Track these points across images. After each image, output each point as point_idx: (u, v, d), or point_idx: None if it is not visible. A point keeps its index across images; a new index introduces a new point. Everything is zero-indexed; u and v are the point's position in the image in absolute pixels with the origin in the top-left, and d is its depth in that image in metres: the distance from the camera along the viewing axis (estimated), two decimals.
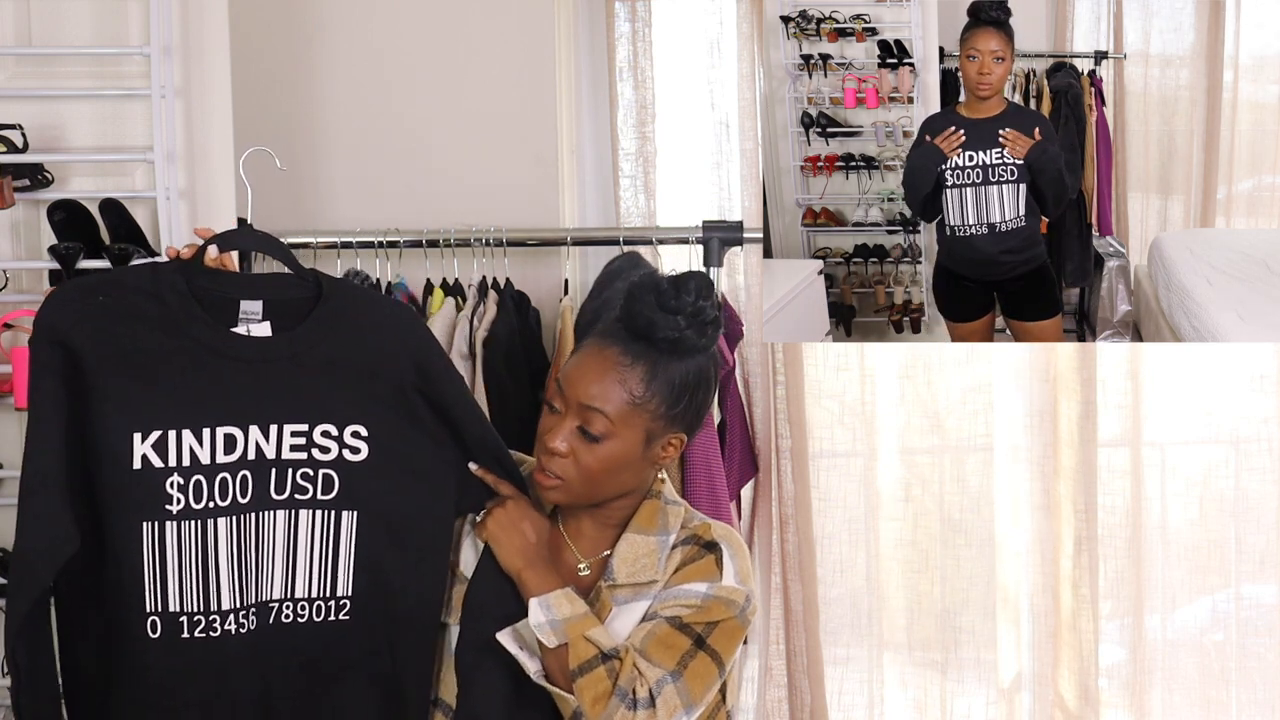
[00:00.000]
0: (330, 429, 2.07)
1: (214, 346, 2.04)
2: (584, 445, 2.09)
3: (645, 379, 2.08)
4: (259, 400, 2.05)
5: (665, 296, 2.06)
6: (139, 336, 2.01)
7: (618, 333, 2.10)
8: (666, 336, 2.07)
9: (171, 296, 2.04)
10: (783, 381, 3.43)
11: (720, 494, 3.02)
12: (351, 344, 2.10)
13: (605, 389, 2.07)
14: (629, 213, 3.42)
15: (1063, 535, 3.53)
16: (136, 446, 1.99)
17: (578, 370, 2.11)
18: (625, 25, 3.41)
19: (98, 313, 2.01)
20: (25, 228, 2.84)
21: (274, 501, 2.05)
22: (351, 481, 2.08)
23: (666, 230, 3.23)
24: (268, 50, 3.30)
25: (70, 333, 1.98)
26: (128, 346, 2.00)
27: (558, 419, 2.11)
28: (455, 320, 3.05)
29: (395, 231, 3.15)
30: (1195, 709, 3.64)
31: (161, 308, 2.03)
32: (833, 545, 3.54)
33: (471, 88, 3.35)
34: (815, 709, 3.46)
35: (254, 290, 2.08)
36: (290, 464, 2.06)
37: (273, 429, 2.05)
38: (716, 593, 2.12)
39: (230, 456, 2.03)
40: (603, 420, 2.07)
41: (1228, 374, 3.63)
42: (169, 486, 1.99)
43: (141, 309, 2.03)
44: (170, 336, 2.02)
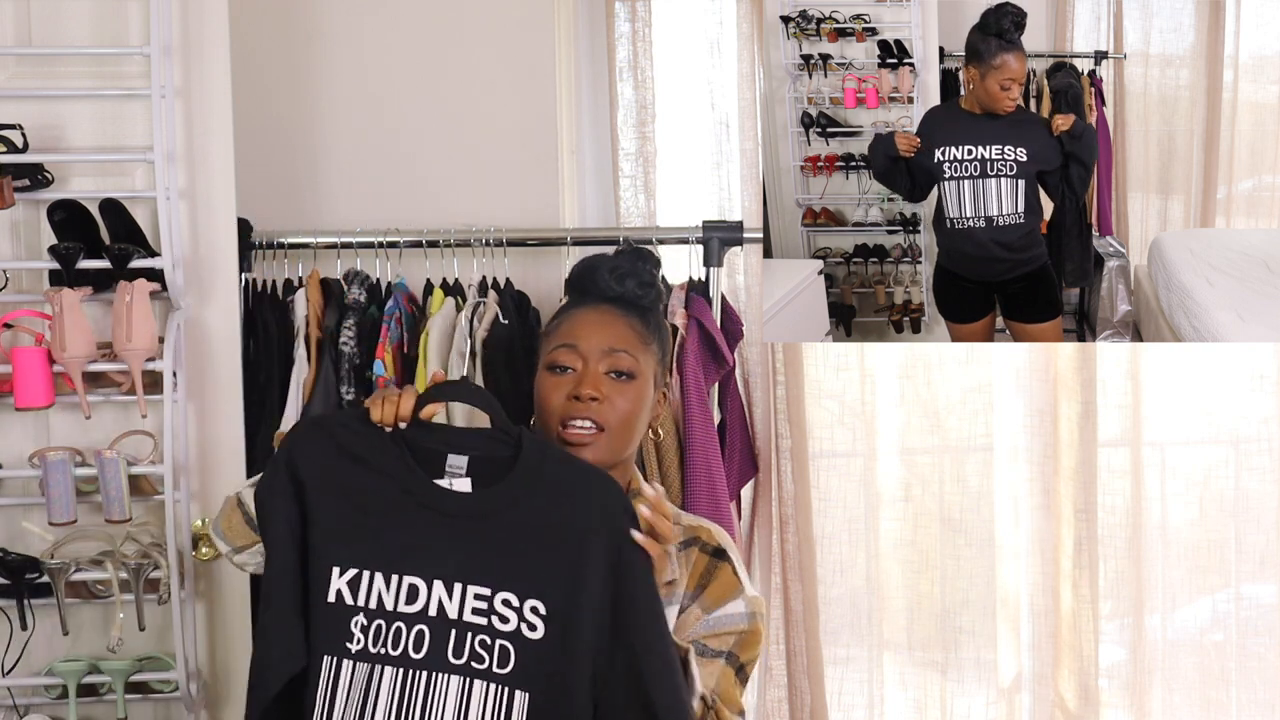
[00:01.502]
0: (511, 599, 2.01)
1: (418, 495, 2.04)
2: (617, 387, 2.16)
3: (643, 324, 2.22)
4: (449, 555, 2.03)
5: (625, 260, 2.25)
6: (356, 474, 2.05)
7: (594, 299, 2.23)
8: (642, 292, 2.23)
9: (382, 444, 2.07)
10: (783, 381, 3.43)
11: (720, 494, 3.02)
12: (546, 509, 2.05)
13: (621, 332, 2.19)
14: (629, 213, 3.42)
15: (1063, 535, 3.53)
16: (334, 580, 2.01)
17: (585, 324, 2.19)
18: (625, 25, 3.41)
19: (326, 448, 2.06)
20: (25, 228, 2.85)
21: (451, 665, 2.01)
22: (527, 659, 2.01)
23: (666, 230, 3.23)
24: (268, 50, 3.30)
25: (301, 462, 2.05)
26: (344, 484, 2.04)
27: (575, 375, 2.16)
28: (455, 320, 3.05)
29: (395, 231, 3.15)
30: (1195, 709, 3.64)
31: (378, 454, 2.06)
32: (833, 545, 3.54)
33: (472, 88, 3.35)
34: (815, 709, 3.46)
35: (462, 445, 2.08)
36: (471, 628, 2.01)
37: (457, 587, 2.02)
38: (753, 610, 2.19)
39: (411, 607, 2.01)
40: (629, 358, 2.17)
41: (1228, 374, 3.63)
42: (353, 625, 2.00)
43: (361, 451, 2.06)
44: (382, 479, 2.05)
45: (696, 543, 2.20)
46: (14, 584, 2.75)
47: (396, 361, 3.04)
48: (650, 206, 3.43)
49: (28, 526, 2.83)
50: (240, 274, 3.02)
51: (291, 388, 3.03)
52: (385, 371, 2.99)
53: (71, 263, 2.71)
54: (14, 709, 2.87)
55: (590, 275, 2.25)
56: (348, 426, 2.08)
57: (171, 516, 2.74)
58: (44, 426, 2.85)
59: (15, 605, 2.77)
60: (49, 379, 2.70)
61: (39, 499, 2.77)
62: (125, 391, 2.81)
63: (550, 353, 2.19)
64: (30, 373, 2.68)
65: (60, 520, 2.73)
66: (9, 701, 2.88)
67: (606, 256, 2.27)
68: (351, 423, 2.09)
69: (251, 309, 3.12)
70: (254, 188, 3.10)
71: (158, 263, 2.73)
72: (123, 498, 2.72)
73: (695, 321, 3.05)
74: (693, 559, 2.20)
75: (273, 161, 3.29)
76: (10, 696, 2.88)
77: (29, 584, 2.76)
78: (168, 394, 2.73)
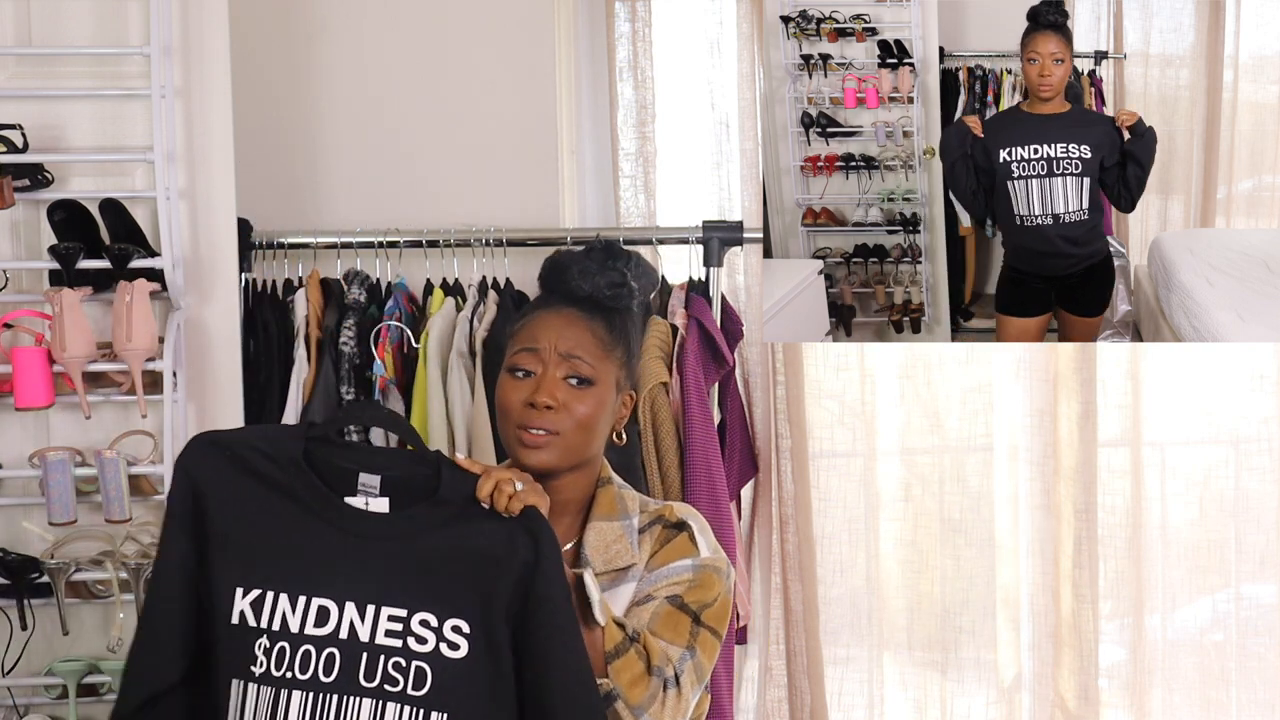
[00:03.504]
0: (430, 619, 1.98)
1: (327, 516, 2.01)
2: (574, 394, 2.12)
3: (607, 329, 2.17)
4: (361, 577, 1.99)
5: (598, 258, 2.18)
6: (257, 498, 2.02)
7: (560, 300, 2.18)
8: (613, 293, 2.17)
9: (288, 464, 2.03)
10: (783, 381, 3.43)
11: (720, 494, 3.02)
12: (465, 532, 2.02)
13: (580, 338, 2.14)
14: (629, 213, 3.42)
15: (1063, 535, 3.52)
16: (237, 601, 1.98)
17: (546, 328, 2.15)
18: (625, 25, 3.41)
19: (224, 466, 2.03)
20: (25, 228, 2.85)
21: (363, 689, 1.97)
22: (445, 679, 1.98)
23: (666, 230, 3.23)
24: (268, 50, 3.30)
25: (201, 479, 2.02)
26: (247, 499, 2.02)
27: (534, 380, 2.13)
28: (455, 320, 3.05)
29: (395, 231, 3.15)
30: (1195, 709, 3.64)
31: (281, 473, 2.03)
32: (833, 545, 3.54)
33: (472, 88, 3.35)
34: (815, 709, 3.46)
35: (374, 465, 2.05)
36: (383, 650, 1.98)
37: (369, 609, 1.98)
38: (703, 563, 2.16)
39: (321, 630, 1.98)
40: (587, 365, 2.13)
41: (1228, 374, 3.63)
42: (257, 648, 1.97)
43: (262, 470, 2.03)
44: (289, 500, 2.02)
45: (660, 521, 2.21)
46: (14, 584, 2.75)
47: (396, 361, 3.04)
48: (650, 206, 3.43)
49: (28, 526, 2.83)
50: (240, 274, 3.02)
51: (291, 388, 3.03)
52: (385, 371, 2.99)
53: (71, 263, 2.71)
54: (14, 709, 2.87)
55: (558, 273, 2.20)
56: (251, 446, 2.05)
57: None
58: (44, 426, 2.85)
59: (15, 605, 2.77)
60: (49, 379, 2.70)
61: (39, 499, 2.76)
62: (125, 391, 2.81)
63: (511, 355, 2.16)
64: (30, 373, 2.68)
65: (60, 520, 2.73)
66: (9, 701, 2.88)
67: (577, 254, 2.22)
68: (255, 442, 2.06)
69: (251, 309, 3.12)
70: (254, 188, 3.09)
71: (158, 263, 2.73)
72: (123, 498, 2.72)
73: (695, 321, 3.05)
74: (653, 536, 2.20)
75: (273, 161, 3.29)
76: (10, 696, 2.88)
77: (29, 584, 2.76)
78: (168, 394, 2.73)
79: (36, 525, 2.80)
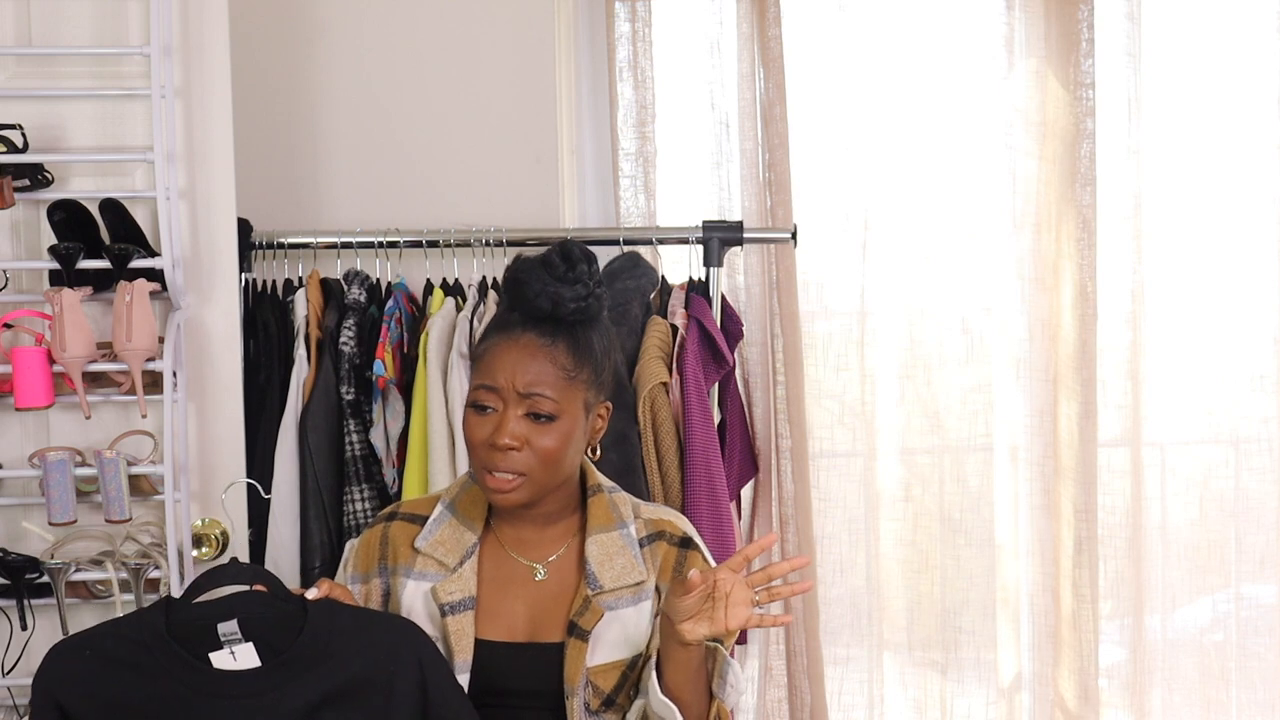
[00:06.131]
0: None
1: (198, 686, 1.98)
2: (536, 430, 2.08)
3: (571, 352, 2.10)
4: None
5: (558, 270, 2.09)
6: (126, 688, 1.99)
7: (520, 321, 2.11)
8: (577, 307, 2.10)
9: (153, 640, 2.00)
10: (783, 381, 3.43)
11: (720, 494, 3.02)
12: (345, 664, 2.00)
13: (539, 371, 2.09)
14: (629, 213, 3.42)
15: (1063, 535, 3.52)
16: None
17: (503, 363, 2.10)
18: (625, 25, 3.41)
19: (84, 670, 2.00)
20: (25, 228, 2.85)
21: None
22: None
23: (666, 230, 3.23)
24: (268, 50, 3.30)
25: (60, 692, 1.99)
26: (114, 701, 1.98)
27: (495, 417, 2.09)
28: (455, 320, 3.05)
29: (395, 231, 3.16)
30: (1195, 709, 3.64)
31: (146, 654, 2.00)
32: (833, 545, 3.54)
33: (471, 88, 3.35)
34: (815, 709, 3.46)
35: (230, 611, 2.02)
36: None
37: None
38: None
39: None
40: (549, 401, 2.08)
41: (1228, 374, 3.63)
42: None
43: (128, 658, 2.00)
44: (156, 683, 1.99)
45: (662, 536, 2.20)
46: (14, 584, 2.75)
47: (396, 361, 3.04)
48: (650, 206, 3.43)
49: (28, 526, 2.83)
50: (240, 274, 3.02)
51: (291, 388, 3.04)
52: (385, 371, 2.99)
53: (71, 263, 2.71)
54: (14, 709, 2.87)
55: (519, 289, 2.11)
56: (114, 635, 2.02)
57: (171, 516, 2.73)
58: (44, 426, 2.85)
59: (15, 605, 2.77)
60: (49, 379, 2.70)
61: (39, 499, 2.76)
62: (125, 391, 2.81)
63: (472, 390, 2.12)
64: (30, 373, 2.68)
65: (60, 520, 2.73)
66: (9, 701, 2.88)
67: (537, 268, 2.11)
68: (119, 629, 2.03)
69: (251, 309, 3.12)
70: (254, 188, 3.09)
71: (158, 263, 2.73)
72: (123, 498, 2.72)
73: (695, 321, 3.05)
74: (660, 553, 2.19)
75: (273, 161, 3.29)
76: (10, 696, 2.88)
77: (29, 584, 2.76)
78: (168, 394, 2.73)
79: (36, 525, 2.80)
